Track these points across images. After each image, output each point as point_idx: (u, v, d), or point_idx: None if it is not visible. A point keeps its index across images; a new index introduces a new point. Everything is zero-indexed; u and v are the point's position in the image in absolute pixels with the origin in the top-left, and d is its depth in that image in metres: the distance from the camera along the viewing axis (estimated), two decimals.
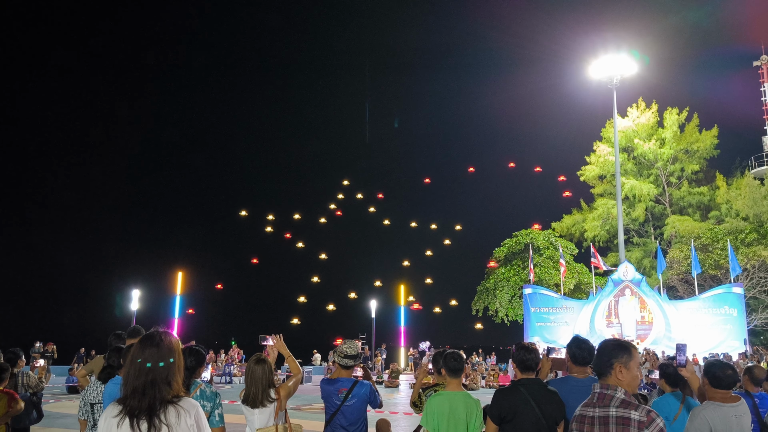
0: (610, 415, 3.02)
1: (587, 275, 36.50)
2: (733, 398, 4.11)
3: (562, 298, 30.34)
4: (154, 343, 2.63)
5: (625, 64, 32.76)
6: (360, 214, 56.28)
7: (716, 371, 4.17)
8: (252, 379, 4.77)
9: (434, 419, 4.60)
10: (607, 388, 3.12)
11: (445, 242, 55.77)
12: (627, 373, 3.12)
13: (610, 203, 39.78)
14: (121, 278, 41.85)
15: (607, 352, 3.21)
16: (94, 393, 5.42)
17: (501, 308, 38.68)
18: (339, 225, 56.98)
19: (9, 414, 6.10)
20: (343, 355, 5.18)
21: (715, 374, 4.16)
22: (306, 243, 50.91)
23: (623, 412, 2.98)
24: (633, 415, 2.95)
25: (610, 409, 3.03)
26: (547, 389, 4.26)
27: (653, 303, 27.43)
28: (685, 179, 40.51)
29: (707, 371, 4.26)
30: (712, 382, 4.17)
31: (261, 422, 4.74)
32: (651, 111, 40.52)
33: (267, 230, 50.72)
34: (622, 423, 2.96)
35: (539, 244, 38.48)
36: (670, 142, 39.60)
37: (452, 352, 4.87)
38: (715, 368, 4.21)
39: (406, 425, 13.28)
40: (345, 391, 5.05)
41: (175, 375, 2.61)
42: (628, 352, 3.18)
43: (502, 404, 4.24)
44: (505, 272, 38.55)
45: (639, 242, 41.67)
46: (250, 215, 48.88)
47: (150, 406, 2.49)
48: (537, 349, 4.52)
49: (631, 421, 2.94)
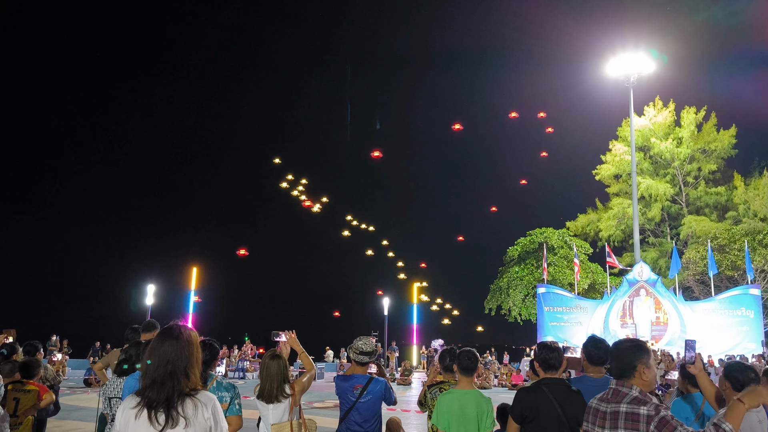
0: (620, 411, 3.07)
1: (602, 275, 36.26)
2: None
3: (576, 298, 30.15)
4: (173, 336, 2.65)
5: (642, 63, 32.45)
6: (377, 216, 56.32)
7: (738, 374, 4.05)
8: (267, 375, 4.78)
9: (445, 418, 4.57)
10: (622, 386, 3.15)
11: (458, 240, 55.63)
12: (648, 372, 3.14)
13: (625, 203, 39.46)
14: (135, 273, 42.22)
15: (628, 354, 3.20)
16: (113, 387, 5.47)
17: (514, 307, 38.54)
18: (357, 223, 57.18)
19: (36, 407, 6.18)
20: (358, 352, 5.18)
21: (737, 377, 4.04)
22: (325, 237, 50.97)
23: (632, 408, 3.02)
24: (641, 410, 2.99)
25: (621, 405, 3.08)
26: (570, 389, 4.22)
27: (668, 304, 27.17)
28: (702, 179, 40.07)
29: (728, 374, 4.14)
30: (734, 385, 4.03)
31: (276, 417, 4.75)
32: (668, 110, 40.12)
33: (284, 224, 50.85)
34: (631, 418, 3.00)
35: (553, 243, 38.27)
36: (687, 141, 39.18)
37: (466, 351, 4.83)
38: (736, 371, 4.09)
39: (418, 423, 13.27)
40: (360, 388, 5.05)
41: (193, 368, 2.63)
42: (647, 352, 3.20)
43: (524, 403, 4.20)
44: (519, 271, 38.40)
45: (655, 242, 41.31)
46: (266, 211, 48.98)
47: (168, 398, 2.51)
48: (560, 347, 4.48)
49: (639, 416, 2.98)
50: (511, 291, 38.31)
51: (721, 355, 23.32)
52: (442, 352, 5.58)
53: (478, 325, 42.83)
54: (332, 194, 48.57)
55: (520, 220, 53.59)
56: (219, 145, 75.35)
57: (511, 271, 38.95)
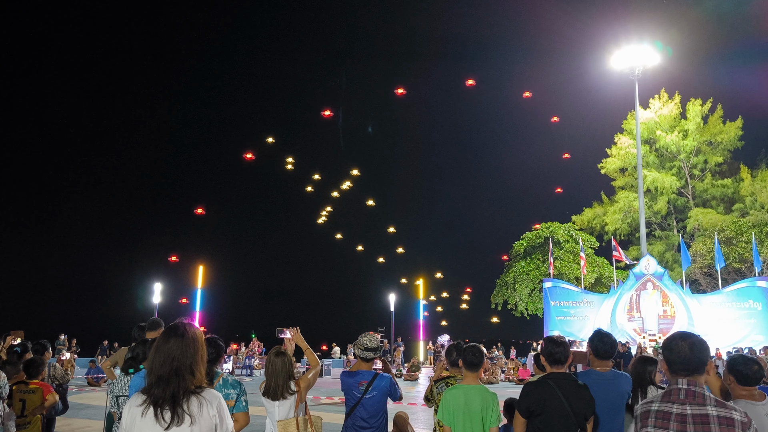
0: (710, 414, 2.85)
1: (608, 269, 36.17)
2: (760, 395, 3.94)
3: (583, 292, 30.09)
4: (178, 334, 2.66)
5: (647, 55, 32.28)
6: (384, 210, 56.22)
7: (741, 368, 3.98)
8: (272, 372, 4.79)
9: (450, 413, 4.58)
10: (695, 386, 2.96)
11: (463, 235, 55.61)
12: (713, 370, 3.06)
13: (631, 196, 39.32)
14: (142, 272, 42.37)
15: (704, 349, 3.04)
16: (120, 385, 5.50)
17: (521, 302, 38.52)
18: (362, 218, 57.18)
19: (43, 406, 6.21)
20: (363, 348, 5.18)
21: (740, 371, 3.98)
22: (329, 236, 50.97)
23: (725, 412, 2.84)
24: (735, 416, 2.82)
25: (708, 407, 2.87)
26: (577, 384, 4.20)
27: (675, 297, 27.09)
28: (708, 171, 39.88)
29: (731, 368, 4.07)
30: (739, 379, 3.99)
31: (282, 414, 4.77)
32: (674, 102, 39.92)
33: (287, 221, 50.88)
34: (726, 423, 2.81)
35: (559, 238, 38.20)
36: (693, 133, 38.99)
37: (472, 346, 4.84)
38: (739, 364, 4.01)
39: (425, 418, 13.29)
40: (365, 384, 5.06)
41: (199, 365, 2.64)
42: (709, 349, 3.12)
43: (531, 398, 4.19)
44: (525, 266, 38.36)
45: (661, 235, 41.16)
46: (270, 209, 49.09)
47: (173, 396, 2.52)
48: (566, 342, 4.46)
49: (735, 422, 2.80)
50: (517, 286, 38.28)
51: (728, 348, 23.24)
52: (449, 347, 5.58)
53: (485, 321, 42.80)
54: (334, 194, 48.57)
55: (525, 214, 53.45)
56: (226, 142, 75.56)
57: (517, 266, 38.91)
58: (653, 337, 26.39)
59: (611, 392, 4.52)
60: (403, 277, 44.79)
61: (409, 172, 64.41)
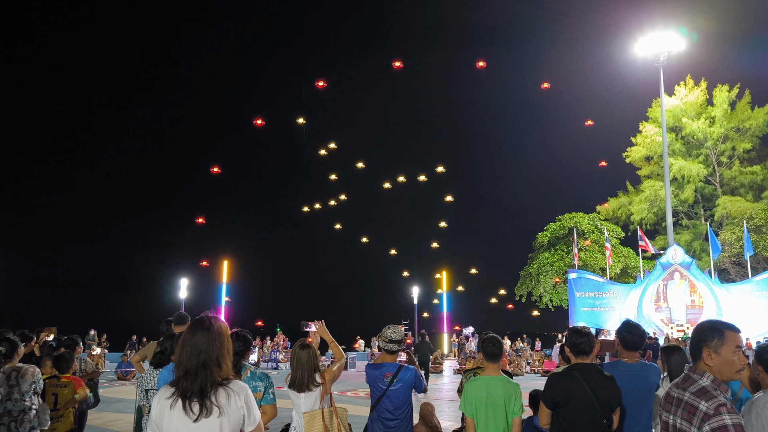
0: (683, 399, 2.92)
1: (634, 259, 35.73)
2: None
3: (609, 283, 29.76)
4: (204, 327, 2.70)
5: (672, 41, 31.69)
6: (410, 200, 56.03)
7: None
8: (297, 364, 4.84)
9: (472, 404, 4.58)
10: (694, 372, 2.99)
11: (487, 227, 55.29)
12: (717, 358, 2.94)
13: (657, 185, 38.70)
14: (168, 267, 42.97)
15: (698, 334, 3.05)
16: (149, 379, 5.59)
17: (545, 293, 38.27)
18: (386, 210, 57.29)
19: (75, 400, 6.35)
20: (387, 340, 5.20)
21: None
22: (350, 229, 51.01)
23: (693, 400, 2.85)
24: (701, 406, 2.80)
25: (686, 393, 2.93)
26: (602, 375, 4.17)
27: (704, 287, 26.66)
28: (736, 158, 39.07)
29: (760, 357, 3.98)
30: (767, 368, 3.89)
31: (307, 406, 4.81)
32: (700, 89, 39.15)
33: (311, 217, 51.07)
34: (688, 410, 2.84)
35: (583, 228, 37.83)
36: (721, 120, 38.22)
37: (490, 337, 4.84)
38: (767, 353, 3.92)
39: (450, 410, 13.30)
40: (390, 376, 5.08)
41: (225, 358, 2.68)
42: (720, 335, 2.98)
43: (556, 389, 4.17)
44: (549, 257, 38.07)
45: (688, 224, 40.50)
46: (291, 204, 49.25)
47: (201, 388, 2.56)
48: (590, 332, 4.43)
49: (696, 411, 2.80)
50: (541, 277, 38.02)
51: (759, 338, 22.83)
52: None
53: (509, 313, 42.54)
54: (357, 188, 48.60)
55: (550, 205, 52.93)
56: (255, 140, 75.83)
57: (540, 257, 38.64)
58: (681, 328, 26.04)
59: (639, 383, 4.48)
60: (426, 270, 44.79)
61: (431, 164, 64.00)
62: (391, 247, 46.35)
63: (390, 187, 39.68)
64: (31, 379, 5.54)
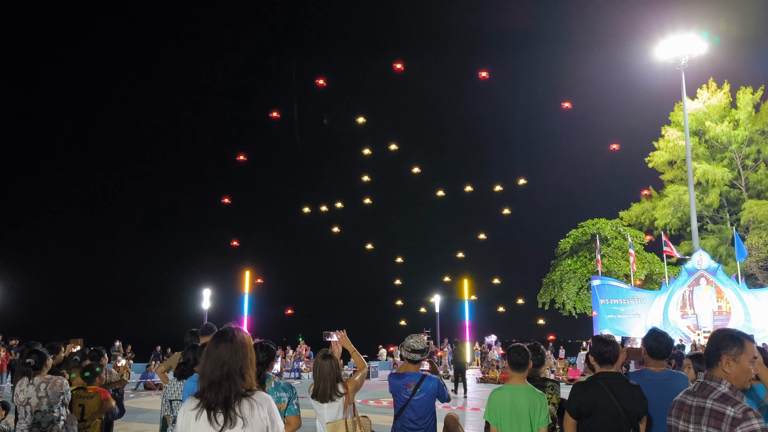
0: (705, 407, 2.91)
1: (659, 265, 35.24)
2: None
3: (633, 289, 29.39)
4: (227, 339, 2.72)
5: (693, 44, 31.36)
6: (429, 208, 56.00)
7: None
8: (320, 375, 4.85)
9: (496, 413, 4.54)
10: (711, 380, 2.99)
11: (509, 233, 54.90)
12: (735, 366, 2.95)
13: (681, 189, 38.18)
14: (191, 278, 43.37)
15: (716, 341, 3.05)
16: (173, 389, 5.63)
17: (568, 301, 37.88)
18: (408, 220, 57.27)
19: (101, 411, 6.42)
20: (410, 350, 5.19)
21: None
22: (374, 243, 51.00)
23: (719, 406, 2.85)
24: (728, 411, 2.80)
25: (707, 401, 2.92)
26: (628, 383, 4.13)
27: (731, 292, 26.20)
28: (762, 161, 38.41)
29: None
30: None
31: (330, 416, 4.81)
32: (723, 92, 38.63)
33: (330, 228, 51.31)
34: (715, 416, 2.84)
35: (606, 234, 37.43)
36: (745, 123, 37.64)
37: (516, 346, 4.80)
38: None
39: (473, 419, 13.20)
40: (413, 386, 5.06)
41: (248, 369, 2.70)
42: (740, 344, 2.99)
43: (580, 398, 4.13)
44: (572, 264, 37.71)
45: (714, 229, 39.86)
46: (312, 212, 49.34)
47: (226, 399, 2.59)
48: (615, 341, 4.38)
49: (724, 417, 2.80)
50: (564, 284, 37.66)
51: None
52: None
53: (532, 320, 42.15)
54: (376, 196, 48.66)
55: (572, 211, 52.33)
56: None
57: (563, 264, 38.29)
58: (708, 335, 25.59)
59: (666, 392, 4.41)
60: (448, 278, 44.61)
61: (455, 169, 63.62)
62: (413, 258, 46.27)
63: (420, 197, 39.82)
64: (59, 390, 5.62)
